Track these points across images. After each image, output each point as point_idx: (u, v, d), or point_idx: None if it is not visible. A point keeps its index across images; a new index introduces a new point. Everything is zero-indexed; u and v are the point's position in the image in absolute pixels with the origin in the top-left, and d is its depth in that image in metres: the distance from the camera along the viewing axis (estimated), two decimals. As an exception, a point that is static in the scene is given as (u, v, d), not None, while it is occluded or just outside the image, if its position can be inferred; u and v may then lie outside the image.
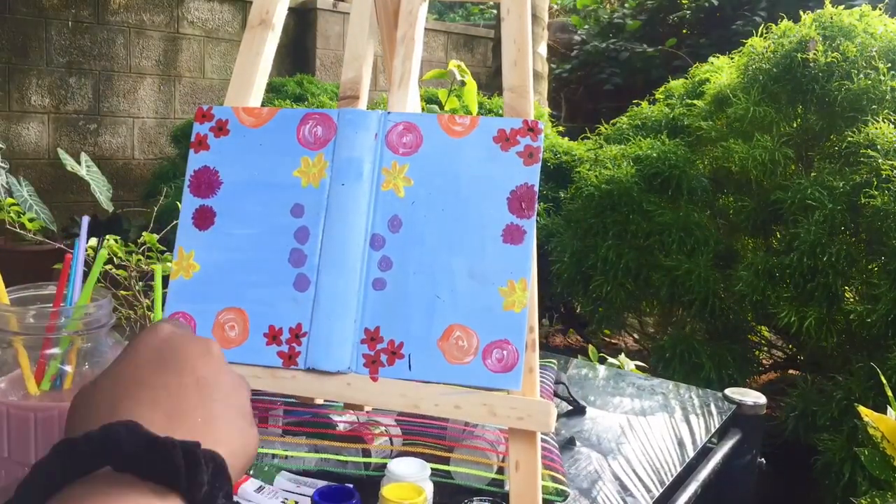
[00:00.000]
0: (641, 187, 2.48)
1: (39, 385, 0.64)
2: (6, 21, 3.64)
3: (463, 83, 1.94)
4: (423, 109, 1.16)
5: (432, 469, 0.74)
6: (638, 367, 1.87)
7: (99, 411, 0.39)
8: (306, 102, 3.53)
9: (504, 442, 0.82)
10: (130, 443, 0.34)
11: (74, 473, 0.34)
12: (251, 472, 0.78)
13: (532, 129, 0.58)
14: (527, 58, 0.59)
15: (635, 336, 3.13)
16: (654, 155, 2.50)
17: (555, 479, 0.81)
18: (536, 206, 0.57)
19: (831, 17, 2.42)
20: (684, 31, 5.60)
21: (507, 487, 0.79)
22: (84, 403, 0.41)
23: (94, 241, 1.14)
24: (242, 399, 0.44)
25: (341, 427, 0.84)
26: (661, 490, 0.87)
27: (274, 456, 0.82)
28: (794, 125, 2.46)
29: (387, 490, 0.66)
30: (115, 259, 1.15)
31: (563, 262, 2.57)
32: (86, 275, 0.68)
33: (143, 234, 1.19)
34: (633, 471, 0.91)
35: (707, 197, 2.51)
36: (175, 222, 0.70)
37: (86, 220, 0.68)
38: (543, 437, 0.84)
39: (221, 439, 0.40)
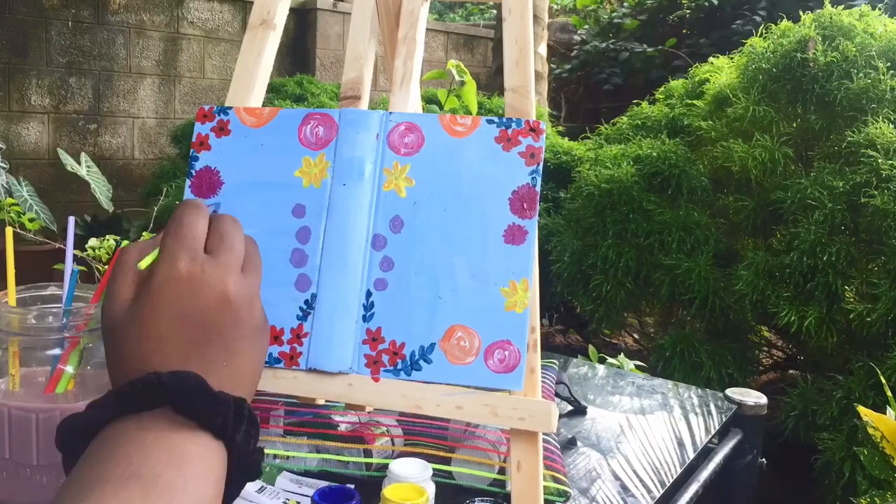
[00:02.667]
0: (641, 187, 2.48)
1: (54, 390, 0.64)
2: (6, 21, 3.64)
3: (462, 83, 1.94)
4: (422, 109, 1.16)
5: (434, 469, 0.74)
6: (638, 367, 1.87)
7: (131, 360, 0.43)
8: (306, 102, 3.53)
9: (505, 442, 0.82)
10: (197, 393, 0.41)
11: (136, 407, 0.40)
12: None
13: (534, 130, 0.58)
14: (528, 58, 0.59)
15: (635, 336, 3.13)
16: (655, 154, 2.50)
17: (556, 480, 0.81)
18: (538, 206, 0.57)
19: (831, 17, 2.42)
20: (684, 31, 5.60)
21: (508, 488, 0.79)
22: (118, 339, 0.44)
23: (94, 241, 1.14)
24: (256, 323, 0.48)
25: (343, 427, 0.84)
26: (661, 490, 0.87)
27: (275, 456, 0.82)
28: (794, 125, 2.46)
29: (388, 490, 0.66)
30: (115, 259, 1.15)
31: (563, 261, 2.57)
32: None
33: (143, 234, 1.18)
34: (634, 471, 0.91)
35: (707, 196, 2.51)
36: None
37: (72, 220, 0.68)
38: (545, 437, 0.84)
39: (246, 372, 0.46)
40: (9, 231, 0.68)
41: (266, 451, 0.82)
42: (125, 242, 0.81)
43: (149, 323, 0.44)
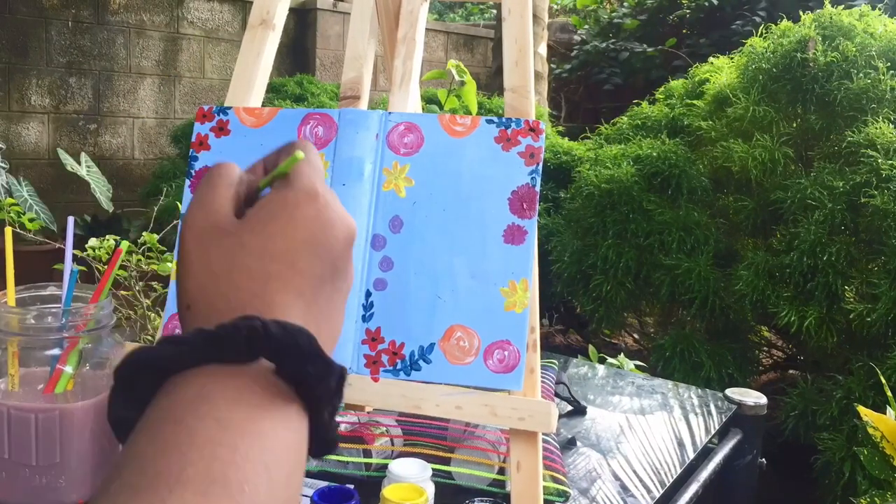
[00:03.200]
0: (641, 187, 2.48)
1: (54, 390, 0.64)
2: (6, 21, 3.64)
3: (462, 83, 1.94)
4: (422, 109, 1.16)
5: (433, 469, 0.74)
6: (638, 367, 1.87)
7: (249, 278, 0.36)
8: (306, 102, 3.53)
9: (505, 442, 0.82)
10: (308, 355, 0.34)
11: (229, 357, 0.33)
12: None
13: (533, 130, 0.58)
14: (528, 58, 0.59)
15: (635, 336, 3.13)
16: (655, 154, 2.50)
17: (556, 480, 0.81)
18: (538, 206, 0.57)
19: (831, 17, 2.42)
20: (684, 31, 5.60)
21: (508, 488, 0.79)
22: (227, 253, 0.37)
23: (94, 241, 1.14)
24: (352, 282, 0.42)
25: (342, 427, 0.84)
26: (661, 490, 0.87)
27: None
28: (794, 125, 2.46)
29: (388, 490, 0.66)
30: (115, 259, 1.15)
31: (563, 261, 2.57)
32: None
33: (143, 234, 1.18)
34: (634, 471, 0.91)
35: (707, 196, 2.51)
36: (175, 222, 0.70)
37: (71, 220, 0.68)
38: (544, 437, 0.84)
39: (335, 334, 0.40)
40: (8, 231, 0.68)
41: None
42: (125, 243, 0.81)
43: (278, 238, 0.37)
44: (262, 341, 0.33)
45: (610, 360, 1.87)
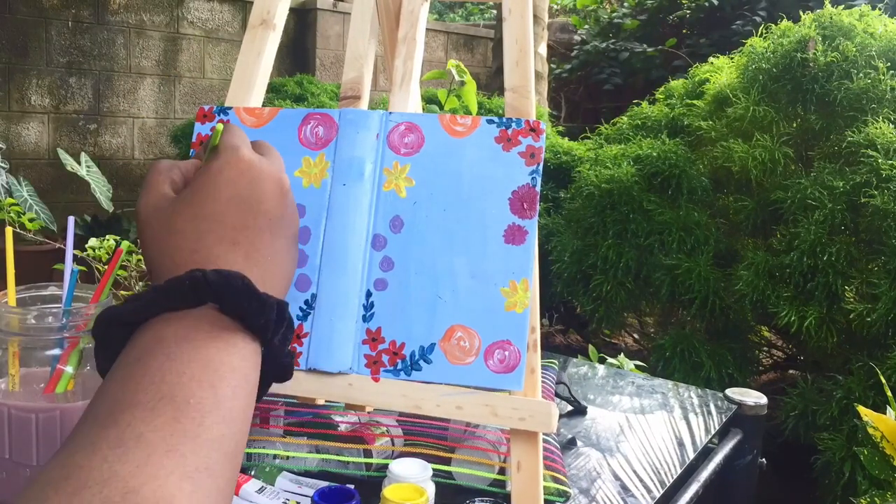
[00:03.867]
0: (641, 186, 2.48)
1: (54, 390, 0.64)
2: (6, 21, 3.64)
3: (462, 83, 1.94)
4: (423, 109, 1.16)
5: (434, 470, 0.74)
6: (638, 367, 1.87)
7: (184, 238, 0.43)
8: (306, 102, 3.53)
9: (505, 442, 0.82)
10: (243, 292, 0.40)
11: (179, 304, 0.40)
12: (252, 473, 0.78)
13: (534, 130, 0.58)
14: (528, 58, 0.59)
15: (635, 336, 3.13)
16: (655, 154, 2.50)
17: (556, 480, 0.81)
18: (538, 206, 0.57)
19: (831, 17, 2.42)
20: (684, 31, 5.60)
21: (508, 488, 0.79)
22: (165, 223, 0.44)
23: (94, 241, 1.14)
24: (296, 228, 0.49)
25: (343, 427, 0.84)
26: (661, 490, 0.87)
27: (275, 456, 0.82)
28: (794, 125, 2.46)
29: (388, 491, 0.66)
30: (115, 259, 1.15)
31: (563, 261, 2.57)
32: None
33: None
34: (634, 471, 0.91)
35: (707, 196, 2.51)
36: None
37: (71, 220, 0.68)
38: (545, 437, 0.84)
39: (284, 274, 0.46)
40: (9, 231, 0.68)
41: (266, 450, 0.82)
42: (125, 243, 0.81)
43: (206, 202, 0.43)
44: (203, 287, 0.40)
45: (610, 360, 1.87)
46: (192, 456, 0.34)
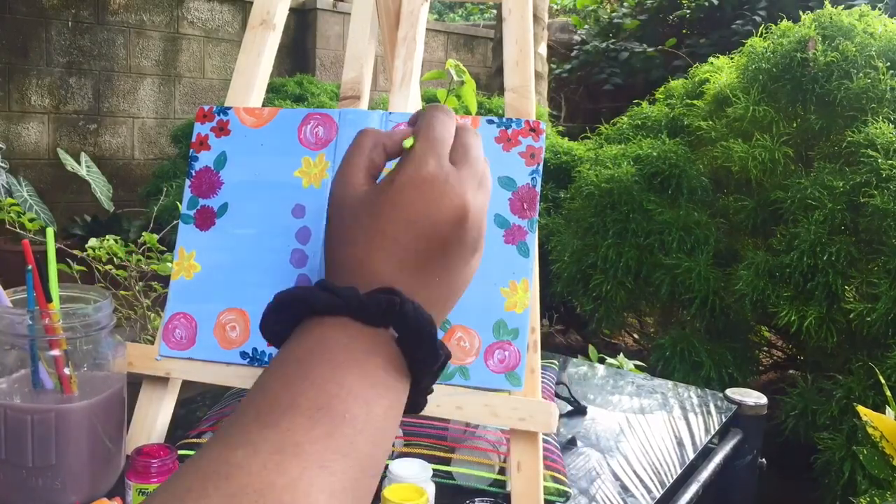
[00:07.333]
0: (641, 186, 2.48)
1: (70, 391, 0.64)
2: (6, 21, 3.64)
3: (462, 83, 1.94)
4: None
5: (434, 470, 0.74)
6: (637, 367, 1.87)
7: (355, 248, 0.43)
8: (306, 102, 3.53)
9: (505, 442, 0.82)
10: (426, 341, 0.40)
11: (364, 318, 0.40)
12: None
13: (534, 130, 0.58)
14: (528, 58, 0.59)
15: (635, 336, 3.13)
16: (655, 154, 2.50)
17: (556, 480, 0.81)
18: (538, 206, 0.57)
19: (831, 17, 2.42)
20: (684, 31, 5.60)
21: (508, 488, 0.79)
22: (342, 227, 0.44)
23: (94, 241, 1.14)
24: (477, 249, 0.46)
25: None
26: (661, 490, 0.87)
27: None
28: (794, 125, 2.46)
29: (388, 491, 0.66)
30: (115, 259, 1.15)
31: (563, 261, 2.57)
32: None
33: (143, 234, 1.18)
34: (634, 471, 0.91)
35: (707, 196, 2.51)
36: (175, 222, 0.70)
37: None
38: (544, 437, 0.84)
39: (451, 295, 0.46)
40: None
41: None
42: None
43: (383, 218, 0.43)
44: (395, 316, 0.40)
45: (610, 360, 1.87)
46: (342, 475, 0.34)
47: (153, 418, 0.73)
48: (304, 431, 0.34)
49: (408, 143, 0.44)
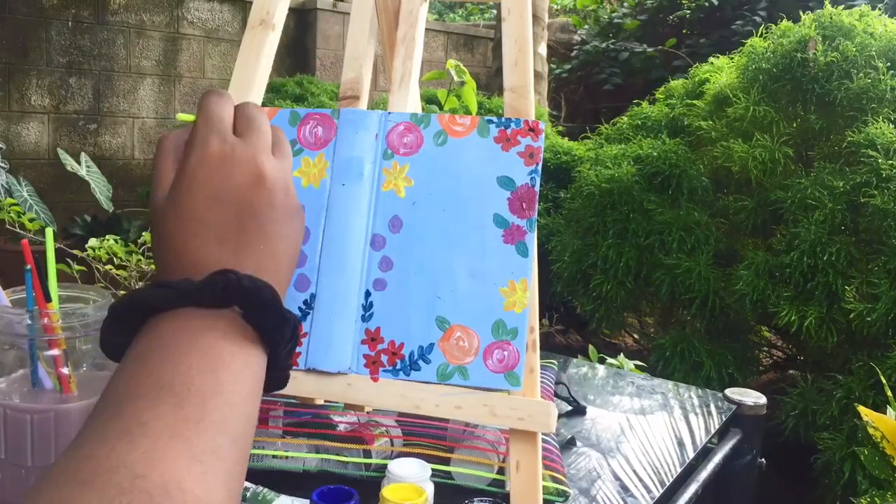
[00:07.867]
0: (642, 186, 2.48)
1: (69, 391, 0.64)
2: (6, 21, 3.64)
3: (462, 83, 1.94)
4: (422, 109, 1.16)
5: (433, 470, 0.74)
6: (638, 367, 1.87)
7: (173, 242, 0.44)
8: (306, 102, 3.53)
9: (504, 442, 0.82)
10: (271, 307, 0.41)
11: (206, 302, 0.40)
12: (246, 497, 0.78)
13: (533, 130, 0.58)
14: (528, 58, 0.59)
15: (635, 336, 3.13)
16: (655, 154, 2.50)
17: (555, 480, 0.81)
18: (537, 206, 0.57)
19: (831, 17, 2.42)
20: (684, 31, 5.60)
21: (507, 488, 0.79)
22: (157, 227, 0.45)
23: (94, 241, 1.14)
24: (291, 208, 0.47)
25: (342, 427, 0.84)
26: (661, 490, 0.87)
27: (274, 456, 0.82)
28: (794, 125, 2.46)
29: (387, 490, 0.66)
30: (115, 259, 1.15)
31: (563, 261, 2.57)
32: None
33: (143, 234, 1.18)
34: (634, 471, 0.91)
35: (707, 196, 2.51)
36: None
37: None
38: (544, 437, 0.84)
39: (283, 259, 0.46)
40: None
41: (265, 451, 0.82)
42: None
43: (185, 206, 0.44)
44: (235, 291, 0.40)
45: (610, 360, 1.87)
46: (198, 439, 0.34)
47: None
48: (149, 410, 0.34)
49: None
